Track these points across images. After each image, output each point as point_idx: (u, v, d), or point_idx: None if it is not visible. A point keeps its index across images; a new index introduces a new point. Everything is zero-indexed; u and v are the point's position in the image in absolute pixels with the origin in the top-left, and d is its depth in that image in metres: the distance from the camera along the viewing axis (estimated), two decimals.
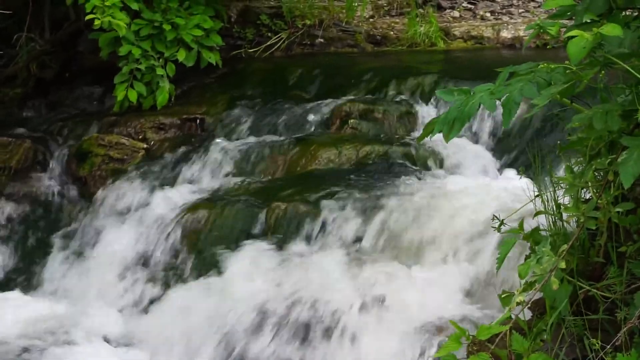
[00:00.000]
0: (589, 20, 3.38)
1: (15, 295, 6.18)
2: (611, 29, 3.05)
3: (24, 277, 6.47)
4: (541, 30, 3.71)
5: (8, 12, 6.88)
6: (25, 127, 7.28)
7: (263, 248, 5.59)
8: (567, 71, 3.36)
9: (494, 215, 4.07)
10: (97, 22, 6.48)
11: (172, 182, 6.47)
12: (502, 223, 3.94)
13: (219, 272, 5.54)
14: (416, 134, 6.36)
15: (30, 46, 7.52)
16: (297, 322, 5.09)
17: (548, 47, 7.56)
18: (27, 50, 7.51)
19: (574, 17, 3.54)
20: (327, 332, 5.02)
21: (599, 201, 3.40)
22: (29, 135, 7.15)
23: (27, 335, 5.67)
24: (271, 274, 5.38)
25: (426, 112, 6.54)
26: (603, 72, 3.30)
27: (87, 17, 6.48)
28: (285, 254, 5.51)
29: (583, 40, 3.05)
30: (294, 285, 5.29)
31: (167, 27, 7.02)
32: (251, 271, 5.45)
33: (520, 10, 9.23)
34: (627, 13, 3.42)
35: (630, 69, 3.11)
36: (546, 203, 3.81)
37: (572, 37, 3.08)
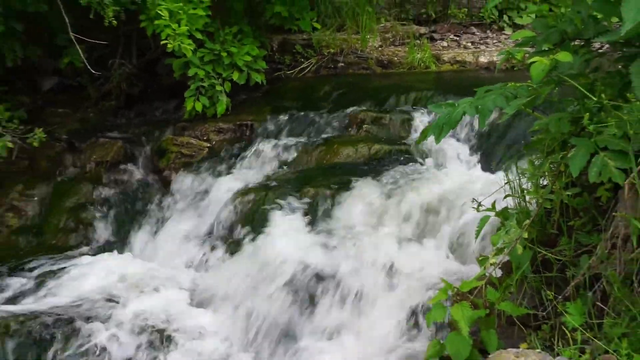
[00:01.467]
0: (546, 49, 3.37)
1: (113, 256, 6.32)
2: (563, 56, 3.05)
3: (119, 243, 6.58)
4: (510, 56, 3.71)
5: (105, 42, 6.92)
6: (117, 131, 7.37)
7: (298, 222, 5.64)
8: (529, 88, 3.36)
9: (473, 198, 4.06)
10: (169, 46, 6.50)
11: (228, 172, 6.56)
12: (479, 204, 3.95)
13: (264, 240, 5.59)
14: (414, 135, 6.43)
15: (121, 69, 7.56)
16: (321, 274, 5.14)
17: (515, 69, 7.55)
18: (119, 72, 7.55)
19: (535, 46, 3.53)
20: (342, 288, 5.06)
21: (553, 187, 3.41)
22: (120, 137, 7.24)
23: (123, 283, 5.80)
24: (303, 241, 5.43)
25: (422, 119, 6.58)
26: (557, 88, 3.29)
27: (162, 42, 6.51)
28: (314, 226, 5.57)
29: (542, 64, 3.05)
30: (321, 248, 5.34)
31: (224, 54, 7.07)
32: (288, 238, 5.50)
33: (494, 41, 9.21)
34: (576, 43, 3.40)
35: (578, 86, 3.11)
36: (513, 189, 3.80)
37: (534, 61, 3.08)
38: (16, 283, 5.97)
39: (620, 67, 3.23)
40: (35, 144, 6.96)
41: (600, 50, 3.48)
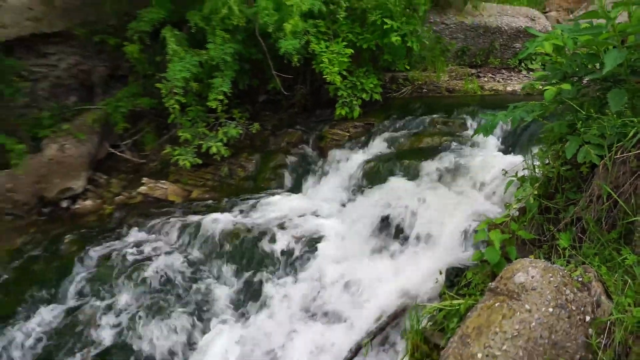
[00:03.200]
0: (554, 81, 3.21)
1: (293, 195, 6.49)
2: (565, 86, 2.95)
3: (297, 188, 6.75)
4: (531, 86, 3.59)
5: (291, 76, 7.01)
6: (298, 126, 7.55)
7: (399, 180, 5.63)
8: (542, 105, 3.23)
9: (502, 169, 3.95)
10: (328, 78, 6.61)
11: (359, 150, 6.57)
12: (506, 172, 3.84)
13: (379, 189, 5.59)
14: (468, 132, 6.26)
15: (300, 91, 7.64)
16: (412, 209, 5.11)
17: (531, 94, 7.26)
18: (300, 93, 7.64)
19: (546, 80, 3.38)
20: (422, 215, 5.03)
21: (554, 164, 3.28)
22: (299, 129, 7.37)
23: (297, 210, 5.95)
24: (403, 191, 5.40)
25: (471, 122, 6.40)
26: (560, 105, 3.15)
27: (323, 76, 6.61)
28: (410, 183, 5.53)
29: (552, 91, 2.94)
30: (412, 189, 5.36)
31: (358, 83, 7.04)
32: (395, 187, 5.48)
33: (516, 78, 8.85)
34: (572, 79, 3.24)
35: (573, 105, 2.98)
36: (528, 165, 3.66)
37: (547, 89, 2.97)
38: (242, 207, 6.19)
39: (598, 94, 3.13)
40: (253, 131, 7.18)
41: (585, 83, 3.34)
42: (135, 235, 6.08)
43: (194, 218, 6.04)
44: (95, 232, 6.44)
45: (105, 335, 4.98)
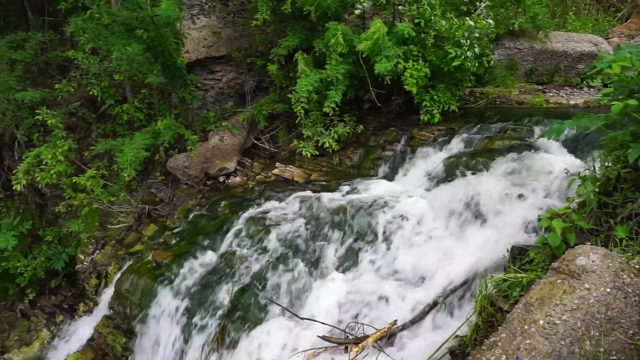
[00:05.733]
0: (621, 97, 2.85)
1: (388, 182, 6.24)
2: (631, 101, 2.58)
3: (390, 175, 6.50)
4: (597, 101, 3.21)
5: (384, 91, 6.83)
6: (393, 127, 7.21)
7: (473, 173, 5.29)
8: (606, 116, 2.88)
9: (565, 168, 3.59)
10: (408, 88, 6.36)
11: (441, 149, 6.23)
12: (568, 172, 3.47)
13: (457, 180, 5.33)
14: (533, 137, 5.70)
15: (395, 102, 7.38)
16: (478, 198, 4.81)
17: (589, 107, 6.54)
18: (395, 103, 7.39)
19: (613, 96, 3.00)
20: (495, 199, 4.70)
21: (615, 166, 2.92)
22: (394, 130, 7.09)
23: (390, 193, 5.75)
24: (476, 182, 5.09)
25: (537, 129, 5.83)
26: (625, 117, 2.79)
27: (404, 85, 6.38)
28: (482, 176, 5.19)
29: (619, 105, 2.61)
30: (485, 187, 4.99)
31: (436, 97, 6.66)
32: (469, 179, 5.22)
33: (578, 94, 7.97)
34: (637, 95, 2.86)
35: (637, 116, 2.61)
36: (590, 166, 3.30)
37: (614, 103, 2.62)
38: (348, 188, 6.16)
39: None
40: (359, 131, 7.09)
41: None
42: (269, 204, 6.28)
43: (312, 194, 6.13)
44: (242, 200, 6.75)
45: (246, 275, 5.23)
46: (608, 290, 2.02)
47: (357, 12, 6.67)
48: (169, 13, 6.03)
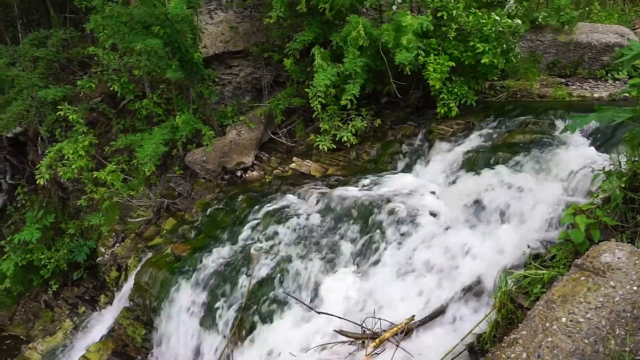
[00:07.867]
0: None
1: (405, 175, 6.21)
2: None
3: (408, 169, 6.45)
4: (624, 93, 3.10)
5: (404, 83, 6.74)
6: (410, 122, 7.15)
7: (493, 168, 5.18)
8: (633, 109, 2.79)
9: (589, 163, 3.49)
10: (431, 83, 6.25)
11: (459, 143, 6.13)
12: (593, 168, 3.38)
13: (475, 175, 5.23)
14: (555, 131, 5.54)
15: (414, 95, 7.30)
16: (497, 194, 4.71)
17: (616, 99, 6.34)
18: (413, 96, 7.31)
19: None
20: (514, 192, 4.61)
21: None
22: (412, 124, 7.03)
23: (407, 187, 5.70)
24: (495, 177, 5.00)
25: (558, 123, 5.68)
26: None
27: (426, 79, 6.30)
28: (502, 171, 5.06)
29: None
30: (505, 175, 4.91)
31: (454, 91, 6.52)
32: (488, 174, 5.11)
33: (602, 87, 7.75)
34: None
35: None
36: (615, 161, 3.21)
37: None
38: (365, 182, 6.13)
39: None
40: (376, 125, 7.07)
41: None
42: (287, 198, 6.29)
43: (329, 189, 6.11)
44: (259, 194, 6.77)
45: (263, 269, 5.25)
46: (635, 288, 1.96)
47: (394, 7, 6.63)
48: (177, 12, 6.09)
